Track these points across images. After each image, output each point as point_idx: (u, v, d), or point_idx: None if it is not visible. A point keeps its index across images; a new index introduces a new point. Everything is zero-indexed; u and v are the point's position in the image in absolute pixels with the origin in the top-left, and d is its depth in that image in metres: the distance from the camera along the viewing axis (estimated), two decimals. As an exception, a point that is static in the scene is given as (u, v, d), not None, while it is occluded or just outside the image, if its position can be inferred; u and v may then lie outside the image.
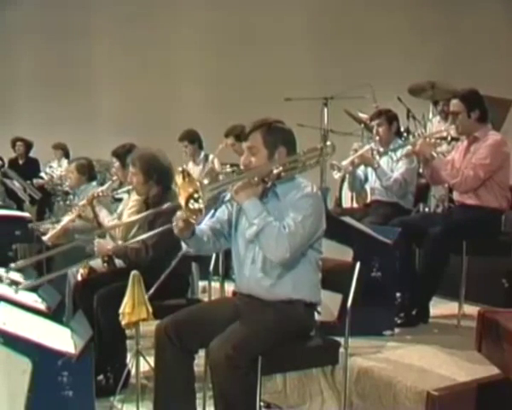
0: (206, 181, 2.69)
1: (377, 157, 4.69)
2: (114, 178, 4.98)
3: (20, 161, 9.29)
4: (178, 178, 2.65)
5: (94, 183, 5.53)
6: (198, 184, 2.59)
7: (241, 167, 2.90)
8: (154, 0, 10.09)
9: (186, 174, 2.63)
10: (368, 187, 5.14)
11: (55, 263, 4.74)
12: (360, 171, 5.01)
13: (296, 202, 2.79)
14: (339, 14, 8.04)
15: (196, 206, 2.58)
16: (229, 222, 2.99)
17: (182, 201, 2.61)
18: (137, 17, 10.15)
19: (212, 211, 3.15)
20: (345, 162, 4.72)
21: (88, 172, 5.44)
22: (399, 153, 4.66)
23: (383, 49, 7.50)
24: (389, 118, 4.92)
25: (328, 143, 3.06)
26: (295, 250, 2.72)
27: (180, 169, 2.66)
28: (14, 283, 3.31)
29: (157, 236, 3.58)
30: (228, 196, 2.88)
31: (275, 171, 2.81)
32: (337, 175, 4.82)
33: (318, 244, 2.90)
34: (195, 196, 2.58)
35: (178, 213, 2.71)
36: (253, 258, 2.85)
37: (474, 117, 3.94)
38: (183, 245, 2.95)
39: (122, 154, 4.48)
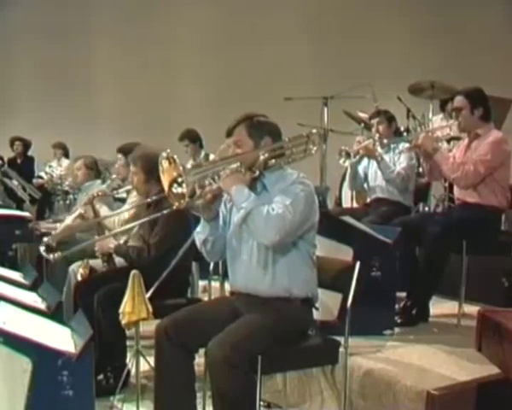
0: (189, 165, 2.71)
1: (380, 150, 4.73)
2: (113, 176, 4.96)
3: (19, 160, 9.30)
4: (165, 164, 2.66)
5: (99, 181, 5.55)
6: (181, 168, 2.60)
7: None
8: (154, 0, 10.09)
9: (172, 160, 2.64)
10: (367, 186, 5.15)
11: (56, 263, 4.74)
12: (360, 170, 5.05)
13: (285, 188, 2.76)
14: (339, 13, 8.04)
15: (179, 190, 2.61)
16: (224, 226, 2.97)
17: (165, 185, 2.64)
18: (137, 17, 10.14)
19: None
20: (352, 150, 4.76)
21: (96, 167, 5.50)
22: (401, 146, 4.74)
23: (383, 48, 7.50)
24: (388, 118, 5.08)
25: (314, 130, 3.00)
26: (285, 233, 2.67)
27: (165, 154, 2.66)
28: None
29: (159, 235, 3.58)
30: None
31: (261, 157, 2.79)
32: (346, 163, 4.81)
33: (311, 237, 2.85)
34: (179, 180, 2.60)
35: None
36: (249, 254, 2.83)
37: (477, 114, 3.94)
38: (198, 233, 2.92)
39: (129, 151, 4.43)
